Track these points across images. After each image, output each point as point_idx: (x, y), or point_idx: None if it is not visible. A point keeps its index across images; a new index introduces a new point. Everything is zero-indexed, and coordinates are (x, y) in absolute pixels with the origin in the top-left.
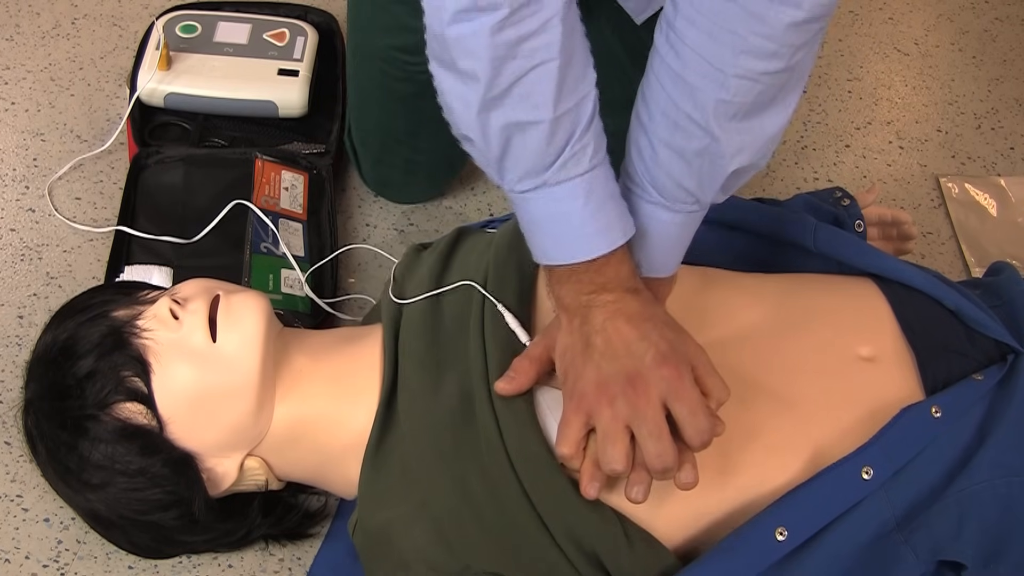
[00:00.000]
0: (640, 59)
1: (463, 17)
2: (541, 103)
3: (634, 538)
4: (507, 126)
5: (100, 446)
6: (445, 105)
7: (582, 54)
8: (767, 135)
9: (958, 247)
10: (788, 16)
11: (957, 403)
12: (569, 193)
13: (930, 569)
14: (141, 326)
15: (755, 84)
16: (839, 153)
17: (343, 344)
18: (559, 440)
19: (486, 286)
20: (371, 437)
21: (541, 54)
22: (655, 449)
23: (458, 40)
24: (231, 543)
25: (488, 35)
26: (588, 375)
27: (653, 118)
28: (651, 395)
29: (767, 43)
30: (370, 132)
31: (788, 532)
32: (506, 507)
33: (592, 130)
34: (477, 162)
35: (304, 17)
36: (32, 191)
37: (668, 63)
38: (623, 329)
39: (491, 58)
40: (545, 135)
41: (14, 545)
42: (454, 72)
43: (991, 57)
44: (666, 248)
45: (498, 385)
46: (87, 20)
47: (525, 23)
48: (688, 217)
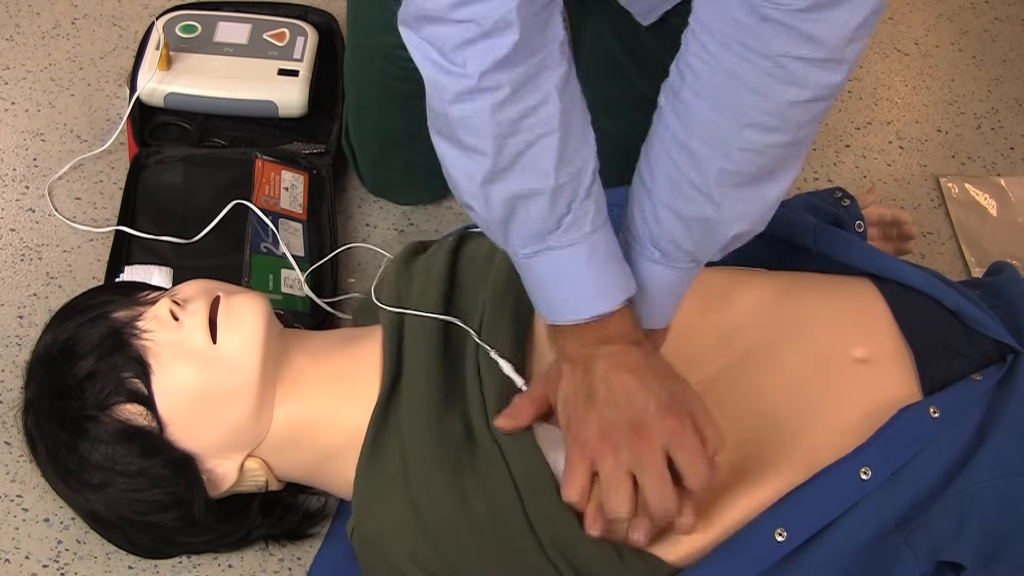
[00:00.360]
0: (640, 59)
1: (465, 98)
2: (543, 173)
3: (627, 556)
4: (510, 197)
5: (100, 447)
6: (448, 176)
7: (581, 121)
8: (768, 203)
9: (958, 247)
10: (792, 95)
11: (956, 403)
12: (572, 256)
13: (930, 569)
14: (141, 327)
15: (759, 156)
16: (839, 153)
17: (343, 345)
18: (565, 485)
19: (482, 324)
20: (367, 436)
21: (542, 128)
22: (658, 495)
23: (461, 119)
24: (231, 543)
25: (489, 114)
26: (592, 422)
27: (656, 180)
28: (654, 443)
29: (770, 119)
30: (369, 134)
31: (787, 533)
32: (503, 521)
33: (593, 194)
34: (481, 227)
35: (304, 17)
36: (32, 191)
37: (672, 130)
38: (625, 379)
39: (494, 135)
40: (548, 203)
41: (14, 545)
42: (457, 147)
43: (991, 57)
44: (663, 302)
45: (498, 421)
46: (87, 20)
47: (524, 100)
48: (685, 274)
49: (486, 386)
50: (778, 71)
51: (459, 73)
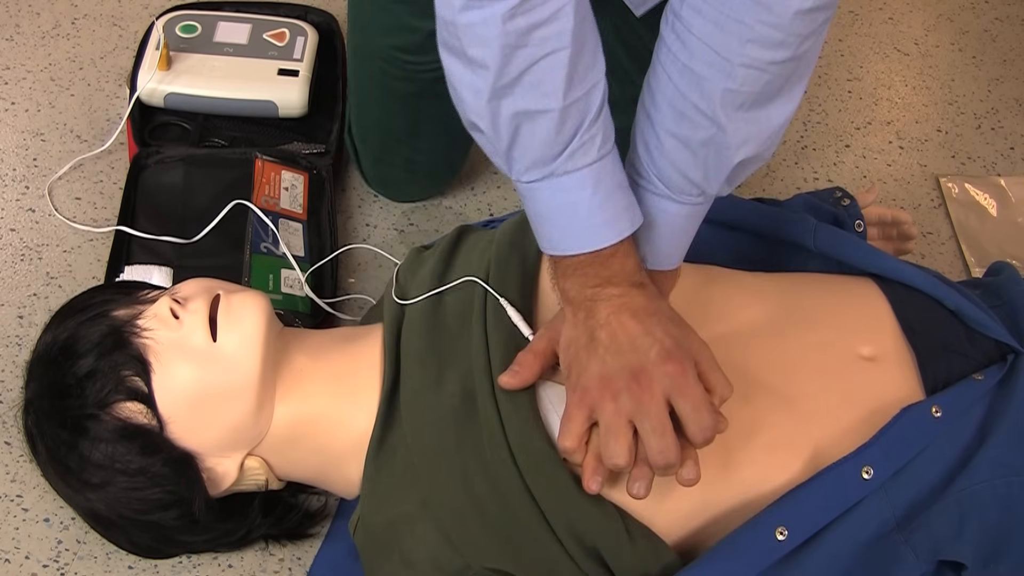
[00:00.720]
0: (640, 58)
1: (474, 4)
2: (551, 92)
3: (635, 534)
4: (516, 115)
5: (100, 445)
6: (454, 93)
7: (592, 43)
8: (773, 126)
9: (958, 247)
10: (795, 4)
11: (957, 403)
12: (577, 183)
13: (930, 569)
14: (141, 325)
15: (762, 74)
16: (839, 153)
17: (343, 344)
18: (562, 433)
19: (488, 282)
20: (373, 436)
21: (552, 43)
22: (658, 445)
23: (469, 27)
24: (231, 543)
25: (499, 23)
26: (592, 369)
27: (659, 109)
28: (655, 391)
29: (774, 32)
30: (370, 131)
31: (788, 532)
32: (508, 503)
33: (601, 119)
34: (485, 151)
35: (304, 17)
36: (32, 191)
37: (674, 53)
38: (628, 324)
39: (502, 46)
40: (554, 124)
41: (14, 545)
42: (464, 60)
43: (991, 57)
44: (671, 240)
45: (502, 379)
46: (87, 20)
47: (537, 11)
48: (693, 209)
49: (492, 341)
50: None
51: None
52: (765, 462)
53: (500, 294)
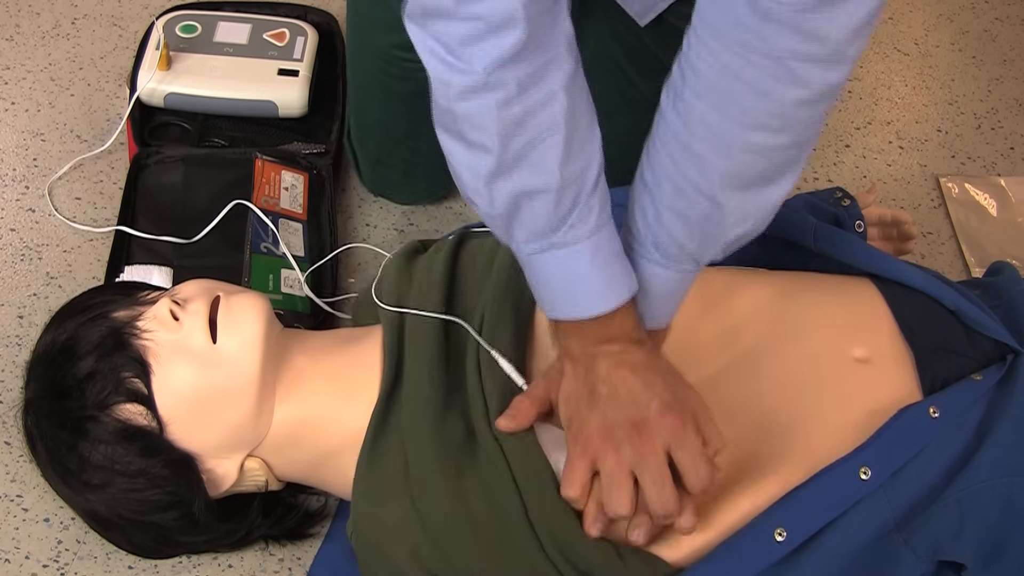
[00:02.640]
0: (639, 60)
1: (470, 95)
2: (548, 171)
3: (627, 556)
4: (515, 194)
5: (100, 447)
6: (453, 172)
7: (587, 118)
8: (771, 204)
9: (958, 247)
10: (795, 95)
11: (956, 403)
12: (576, 254)
13: (930, 569)
14: (141, 327)
15: (761, 158)
16: (839, 153)
17: (343, 344)
18: (565, 483)
19: (483, 324)
20: (367, 434)
21: (547, 126)
22: (658, 495)
23: (466, 116)
24: (231, 543)
25: (495, 111)
26: (594, 421)
27: (658, 183)
28: (655, 443)
29: (774, 120)
30: (369, 132)
31: (787, 533)
32: (504, 521)
33: (598, 192)
34: (485, 222)
35: (304, 17)
36: (32, 191)
37: (674, 131)
38: (628, 378)
39: (499, 132)
40: (552, 200)
41: (14, 545)
42: (462, 143)
43: (991, 57)
44: (664, 302)
45: (499, 422)
46: (87, 20)
47: (531, 98)
48: (686, 275)
49: (487, 386)
50: (781, 71)
51: (465, 70)
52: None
53: (494, 339)
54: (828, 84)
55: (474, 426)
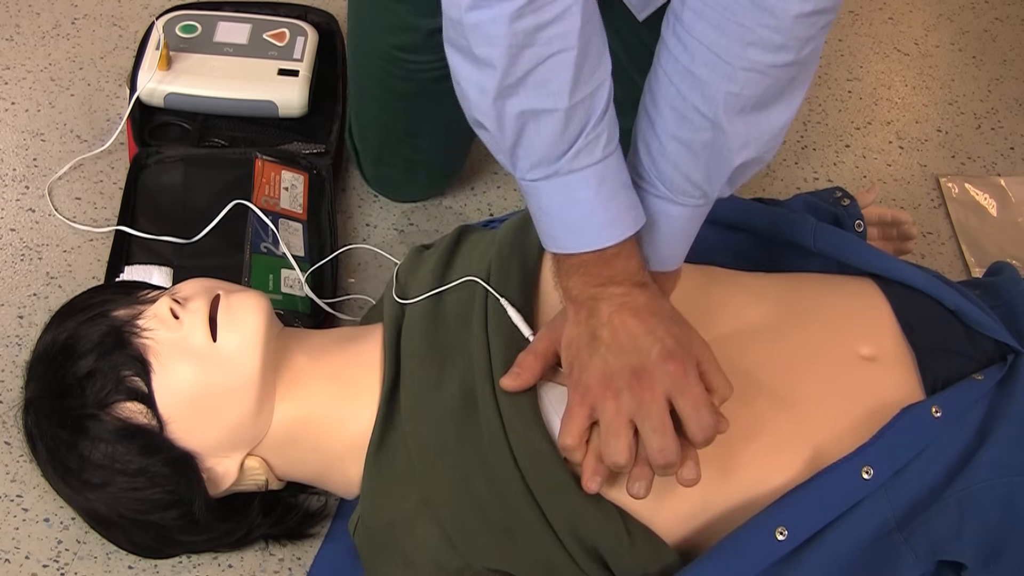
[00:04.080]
0: (640, 59)
1: (482, 4)
2: (557, 91)
3: (636, 534)
4: (522, 114)
5: (100, 445)
6: (460, 91)
7: (598, 42)
8: (774, 129)
9: (958, 247)
10: (795, 8)
11: (957, 403)
12: (581, 182)
13: (930, 569)
14: (141, 326)
15: (763, 77)
16: (839, 153)
17: (343, 344)
18: (562, 431)
19: (489, 282)
20: (373, 435)
21: (559, 42)
22: (658, 444)
23: (476, 27)
24: (231, 543)
25: (506, 22)
26: (593, 368)
27: (660, 112)
28: (656, 390)
29: (775, 35)
30: (370, 131)
31: (788, 532)
32: (508, 503)
33: (606, 119)
34: (489, 148)
35: (304, 17)
36: (32, 191)
37: (675, 56)
38: (630, 323)
39: (508, 46)
40: (560, 124)
41: (14, 545)
42: (470, 59)
43: (991, 57)
44: (672, 242)
45: (503, 381)
46: (87, 20)
47: (544, 11)
48: (695, 211)
49: (493, 342)
50: None
51: None
52: (764, 462)
53: (501, 295)
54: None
55: (476, 388)
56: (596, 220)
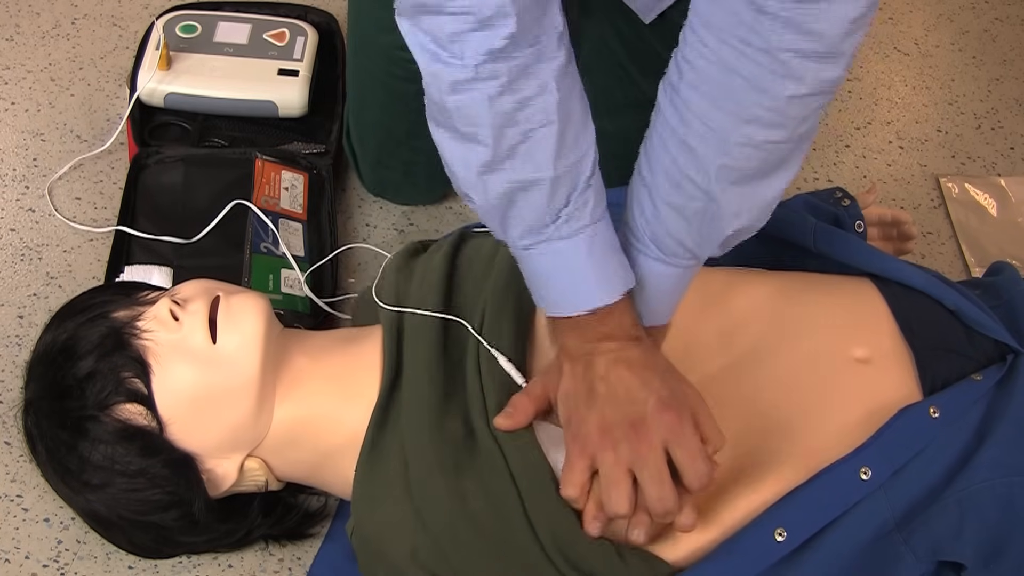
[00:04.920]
0: (641, 59)
1: (462, 88)
2: (542, 163)
3: (627, 556)
4: (509, 187)
5: (100, 447)
6: (447, 166)
7: (580, 111)
8: (767, 199)
9: (958, 247)
10: (790, 90)
11: (956, 403)
12: (572, 248)
13: (930, 569)
14: (141, 327)
15: (757, 151)
16: (839, 153)
17: (343, 344)
18: (564, 482)
19: (483, 322)
20: (367, 436)
21: (540, 117)
22: (657, 493)
23: (458, 109)
24: (231, 543)
25: (487, 103)
26: (592, 420)
27: (655, 177)
28: (653, 440)
29: (770, 115)
30: (369, 133)
31: (787, 533)
32: (503, 520)
33: (593, 185)
34: (480, 217)
35: (304, 17)
36: (32, 191)
37: (672, 126)
38: (625, 376)
39: (492, 125)
40: (547, 193)
41: (14, 545)
42: (455, 136)
43: (991, 57)
44: (663, 299)
45: (497, 421)
46: (87, 20)
47: (522, 91)
48: (685, 271)
49: (486, 385)
50: (776, 65)
51: (456, 63)
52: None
53: (495, 338)
54: (823, 79)
55: (473, 425)
56: (588, 284)
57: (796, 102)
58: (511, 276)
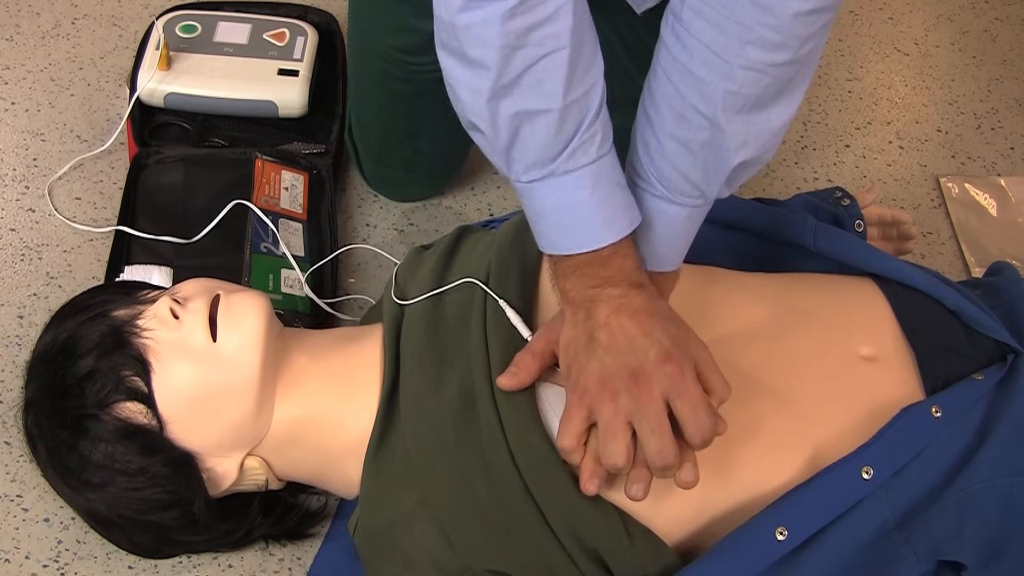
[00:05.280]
0: (639, 57)
1: (473, 5)
2: (551, 92)
3: (635, 535)
4: (516, 115)
5: (100, 445)
6: (453, 94)
7: (591, 43)
8: (772, 129)
9: (958, 247)
10: (794, 6)
11: (957, 403)
12: (576, 183)
13: (930, 569)
14: (141, 326)
15: (762, 76)
16: (839, 153)
17: (343, 343)
18: (560, 433)
19: (488, 283)
20: (372, 435)
21: (552, 43)
22: (656, 446)
23: (468, 28)
24: (231, 543)
25: (499, 23)
26: (591, 369)
27: (659, 111)
28: (653, 391)
29: (773, 34)
30: (370, 131)
31: (788, 532)
32: (508, 503)
33: (600, 119)
34: (484, 151)
35: (304, 17)
36: (32, 191)
37: (674, 55)
38: (627, 325)
39: (501, 46)
40: (554, 124)
41: (14, 545)
42: (463, 60)
43: (991, 57)
44: (671, 242)
45: (500, 380)
46: (87, 20)
47: (536, 11)
48: (693, 211)
49: (491, 343)
50: None
51: None
52: (764, 463)
53: (500, 295)
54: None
55: (474, 388)
56: (592, 220)
57: (800, 19)
58: (516, 237)
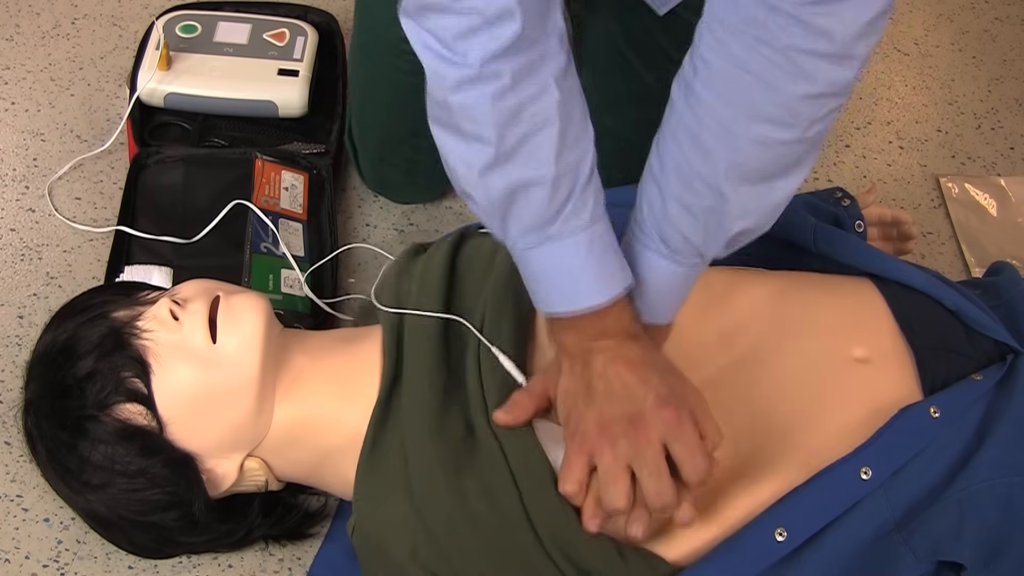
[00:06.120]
0: (647, 54)
1: (466, 87)
2: (543, 162)
3: (628, 556)
4: (510, 186)
5: (100, 447)
6: (447, 166)
7: (580, 112)
8: (775, 201)
9: (958, 247)
10: (801, 89)
11: (956, 403)
12: (571, 247)
13: (930, 569)
14: (141, 327)
15: (768, 151)
16: (839, 153)
17: (343, 344)
18: (562, 479)
19: (484, 321)
20: (367, 436)
21: (542, 118)
22: (655, 488)
23: (461, 107)
24: (231, 543)
25: (490, 103)
26: (590, 417)
27: (665, 173)
28: (651, 436)
29: (782, 113)
30: (371, 131)
31: (787, 533)
32: (503, 519)
33: (592, 184)
34: (479, 218)
35: (304, 17)
36: (32, 191)
37: (684, 122)
38: (624, 374)
39: (495, 124)
40: (547, 192)
41: (14, 545)
42: (457, 135)
43: (991, 57)
44: (666, 297)
45: (497, 415)
46: (87, 20)
47: (525, 90)
48: (690, 270)
49: (487, 384)
50: (787, 64)
51: (460, 62)
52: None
53: (495, 336)
54: (834, 80)
55: (474, 424)
56: (586, 283)
57: (808, 102)
58: (511, 275)
